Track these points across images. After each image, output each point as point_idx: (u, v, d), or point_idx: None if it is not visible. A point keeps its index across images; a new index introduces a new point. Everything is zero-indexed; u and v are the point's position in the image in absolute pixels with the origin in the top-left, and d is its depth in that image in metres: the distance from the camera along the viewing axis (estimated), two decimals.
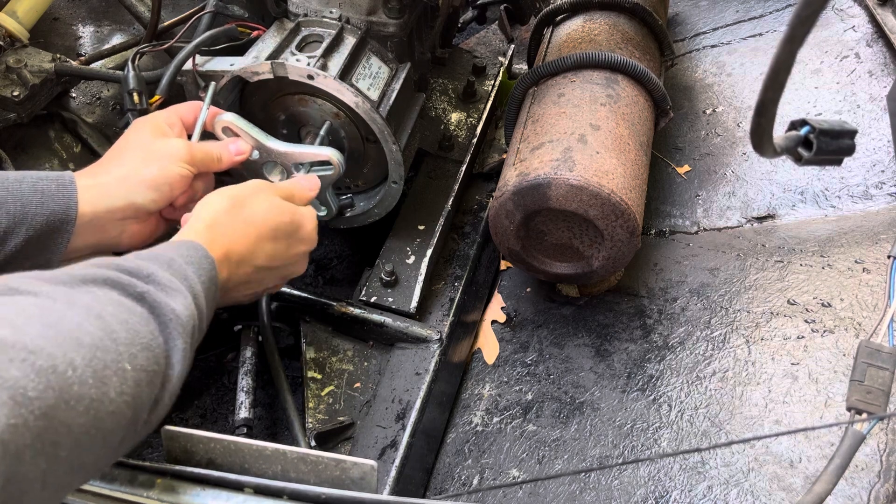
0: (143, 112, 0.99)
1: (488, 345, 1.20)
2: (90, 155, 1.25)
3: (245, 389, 1.05)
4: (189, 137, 0.93)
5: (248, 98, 1.08)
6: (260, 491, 0.62)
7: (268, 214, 0.83)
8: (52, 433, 0.45)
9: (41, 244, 0.76)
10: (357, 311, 1.09)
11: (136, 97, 0.99)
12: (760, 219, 1.25)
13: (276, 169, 1.02)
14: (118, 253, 0.74)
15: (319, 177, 1.00)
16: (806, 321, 1.01)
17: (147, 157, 0.85)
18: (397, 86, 1.05)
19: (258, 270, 0.82)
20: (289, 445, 0.65)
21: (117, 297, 0.57)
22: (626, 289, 1.20)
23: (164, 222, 0.91)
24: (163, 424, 0.67)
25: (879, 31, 1.36)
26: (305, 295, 1.12)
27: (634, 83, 1.17)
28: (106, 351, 0.51)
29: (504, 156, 1.34)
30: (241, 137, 0.97)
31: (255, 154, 0.98)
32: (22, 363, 0.44)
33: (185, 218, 0.83)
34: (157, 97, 1.01)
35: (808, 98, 1.36)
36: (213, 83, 0.99)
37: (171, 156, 0.86)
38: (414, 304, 1.10)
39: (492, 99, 1.41)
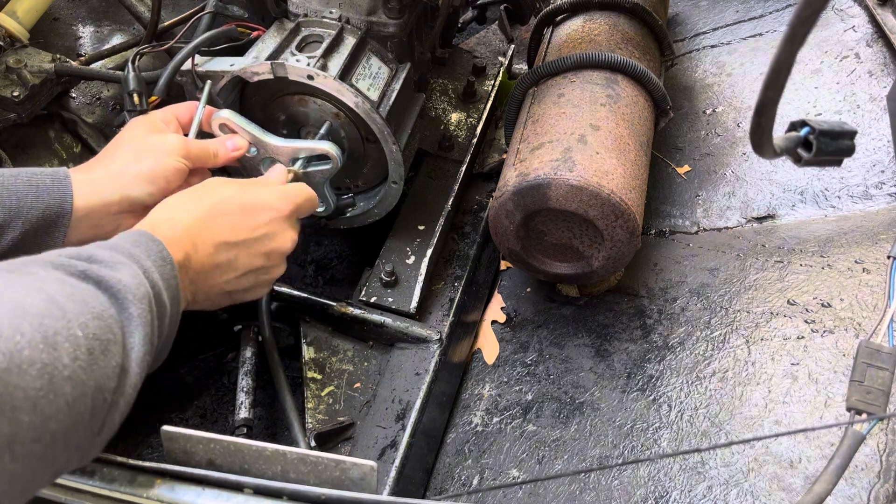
0: (143, 113, 0.99)
1: (488, 345, 1.20)
2: (90, 155, 1.25)
3: (245, 389, 1.05)
4: (186, 136, 0.93)
5: (247, 98, 1.08)
6: (259, 492, 0.62)
7: (214, 194, 0.82)
8: (8, 397, 0.45)
9: (38, 238, 0.76)
10: (357, 312, 1.09)
11: (136, 98, 0.99)
12: (760, 219, 1.25)
13: (273, 165, 1.02)
14: None
15: (318, 171, 1.00)
16: (806, 321, 1.01)
17: (142, 151, 0.85)
18: (397, 86, 1.05)
19: (223, 248, 0.80)
20: (288, 446, 0.65)
21: (59, 276, 0.57)
22: (626, 289, 1.20)
23: None
24: (162, 425, 0.67)
25: (879, 31, 1.36)
26: (305, 295, 1.12)
27: (634, 83, 1.17)
28: (54, 318, 0.51)
29: (504, 156, 1.34)
30: (238, 133, 0.97)
31: (253, 150, 0.99)
32: None
33: None
34: (154, 98, 1.01)
35: (808, 98, 1.36)
36: (208, 81, 0.99)
37: (165, 150, 0.86)
38: (414, 304, 1.10)
39: (492, 99, 1.41)
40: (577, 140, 1.04)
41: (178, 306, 0.70)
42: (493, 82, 1.44)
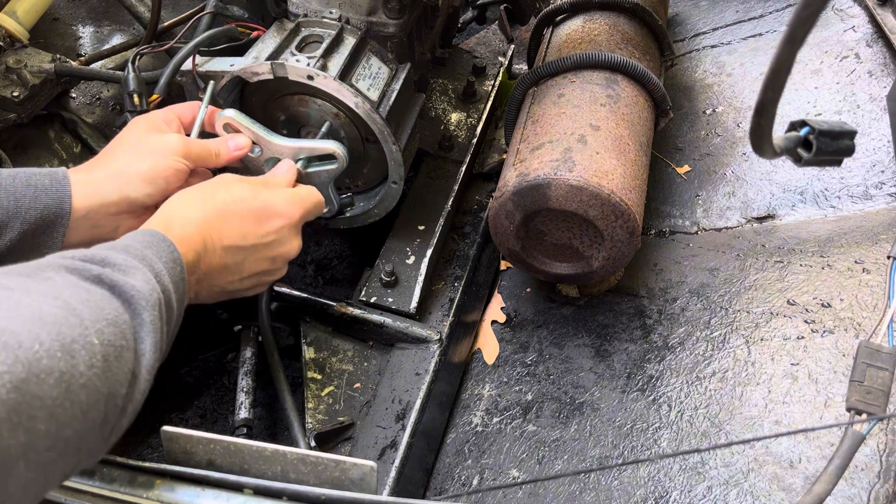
0: (143, 113, 0.99)
1: (488, 345, 1.20)
2: (90, 155, 1.25)
3: (245, 390, 1.05)
4: (188, 136, 0.93)
5: (247, 98, 1.08)
6: (260, 492, 0.62)
7: (227, 194, 0.82)
8: (26, 407, 0.45)
9: (36, 239, 0.76)
10: (357, 312, 1.09)
11: (136, 99, 0.99)
12: (760, 219, 1.25)
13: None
14: None
15: (323, 171, 1.00)
16: (806, 321, 1.01)
17: (141, 151, 0.85)
18: (397, 86, 1.05)
19: (232, 251, 0.80)
20: (288, 446, 0.65)
21: (74, 281, 0.58)
22: (625, 289, 1.20)
23: None
24: (162, 425, 0.67)
25: (879, 31, 1.36)
26: (305, 295, 1.12)
27: (634, 83, 1.17)
28: (71, 326, 0.51)
29: (504, 156, 1.34)
30: (243, 133, 0.96)
31: (257, 150, 0.98)
32: None
33: None
34: (155, 96, 1.01)
35: (808, 98, 1.36)
36: (211, 82, 0.99)
37: (165, 150, 0.85)
38: (414, 304, 1.10)
39: (492, 99, 1.41)
40: (577, 140, 1.04)
41: (182, 307, 0.71)
42: (493, 82, 1.44)
